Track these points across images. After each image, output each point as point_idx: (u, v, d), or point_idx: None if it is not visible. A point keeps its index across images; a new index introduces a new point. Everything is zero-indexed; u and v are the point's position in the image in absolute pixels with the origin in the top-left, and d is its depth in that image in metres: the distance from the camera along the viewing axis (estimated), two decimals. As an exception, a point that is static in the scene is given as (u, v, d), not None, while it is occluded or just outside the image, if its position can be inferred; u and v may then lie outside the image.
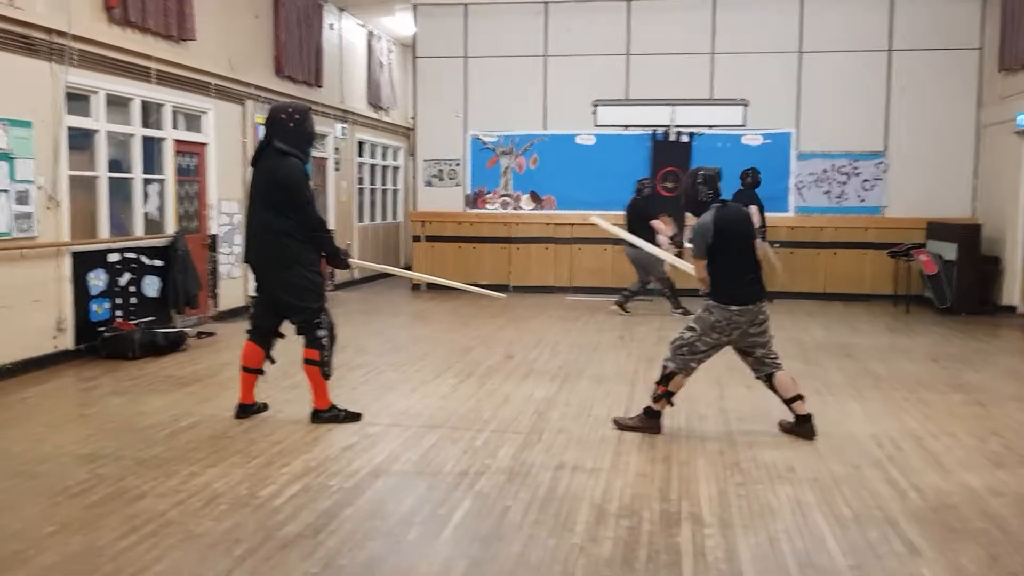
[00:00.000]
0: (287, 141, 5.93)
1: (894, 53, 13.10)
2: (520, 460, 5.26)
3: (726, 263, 5.69)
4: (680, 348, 5.77)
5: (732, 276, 5.69)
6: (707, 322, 5.71)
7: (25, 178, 7.64)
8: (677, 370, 5.79)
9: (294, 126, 5.97)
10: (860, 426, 6.10)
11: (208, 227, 10.68)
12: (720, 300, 5.67)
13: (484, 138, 14.16)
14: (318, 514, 4.35)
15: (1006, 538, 4.11)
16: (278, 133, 5.95)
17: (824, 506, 4.52)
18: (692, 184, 5.84)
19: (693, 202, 5.85)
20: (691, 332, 5.75)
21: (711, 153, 13.50)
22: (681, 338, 5.78)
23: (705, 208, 5.76)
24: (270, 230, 5.87)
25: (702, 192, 5.78)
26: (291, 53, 12.28)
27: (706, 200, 5.77)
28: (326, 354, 6.01)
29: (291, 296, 5.93)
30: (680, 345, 5.77)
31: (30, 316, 7.76)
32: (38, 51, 7.80)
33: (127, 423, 6.05)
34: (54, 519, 4.28)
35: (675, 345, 5.81)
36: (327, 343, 6.02)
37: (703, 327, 5.72)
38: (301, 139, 6.01)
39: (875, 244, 13.09)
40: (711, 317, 5.69)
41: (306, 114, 6.08)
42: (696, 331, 5.73)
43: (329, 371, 6.07)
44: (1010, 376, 7.84)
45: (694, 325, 5.76)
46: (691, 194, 5.84)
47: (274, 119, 5.99)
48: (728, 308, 5.64)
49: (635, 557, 3.86)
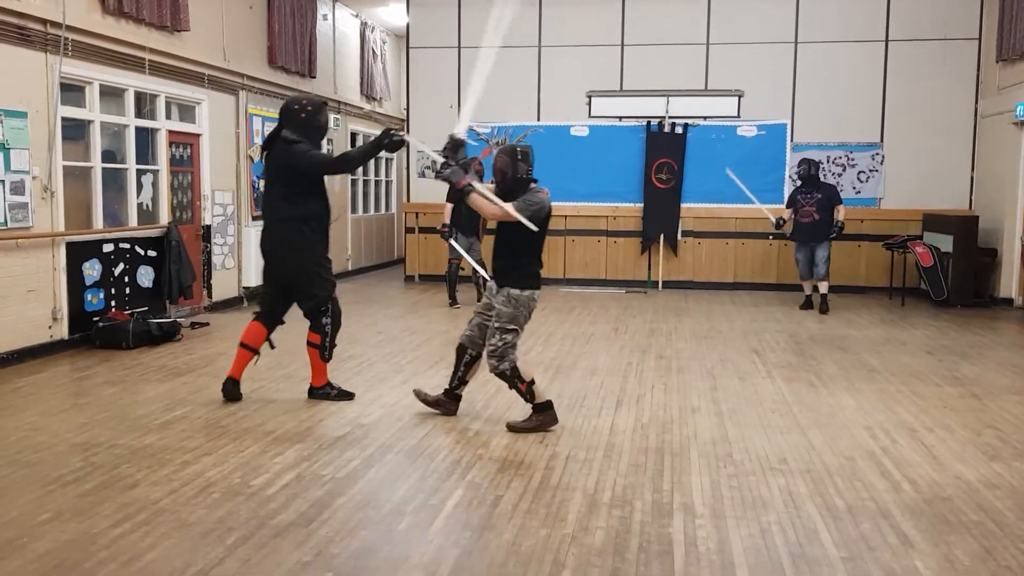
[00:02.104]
0: (296, 131, 6.10)
1: (891, 43, 13.09)
2: (513, 450, 5.26)
3: (537, 247, 5.69)
4: (507, 351, 5.65)
5: (539, 261, 5.74)
6: (520, 317, 5.65)
7: (20, 168, 7.62)
8: (513, 367, 5.68)
9: (305, 117, 6.14)
10: (854, 418, 6.11)
11: (202, 218, 10.66)
12: (531, 286, 5.65)
13: (478, 129, 14.13)
14: (311, 503, 4.35)
15: (1000, 531, 4.12)
16: (289, 123, 6.13)
17: (817, 497, 4.53)
18: (512, 160, 5.64)
19: (512, 180, 5.64)
20: (510, 333, 5.64)
21: (706, 144, 13.51)
22: (504, 342, 5.63)
23: (526, 187, 5.64)
24: (284, 218, 6.09)
25: (522, 169, 5.64)
26: (284, 44, 12.25)
27: (525, 177, 5.65)
28: (327, 340, 6.30)
29: (303, 283, 6.19)
30: (505, 349, 5.64)
31: (25, 306, 7.75)
32: (33, 42, 7.77)
33: (121, 412, 6.04)
34: (48, 507, 4.28)
35: (498, 352, 5.64)
36: (330, 329, 6.29)
37: (520, 324, 5.68)
38: (311, 130, 6.15)
39: (871, 236, 13.09)
40: (524, 311, 5.65)
41: (319, 107, 6.23)
42: (516, 331, 5.66)
43: (328, 355, 6.35)
44: (1006, 368, 7.86)
45: (512, 326, 5.63)
46: (511, 171, 5.63)
47: (287, 109, 6.19)
48: (532, 293, 5.65)
49: (627, 547, 3.87)
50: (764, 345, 8.87)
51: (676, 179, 13.51)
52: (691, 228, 13.69)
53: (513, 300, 5.64)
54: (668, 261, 13.74)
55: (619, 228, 13.87)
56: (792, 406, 6.42)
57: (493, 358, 5.69)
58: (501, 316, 5.66)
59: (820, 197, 10.95)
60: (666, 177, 13.52)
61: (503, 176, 5.68)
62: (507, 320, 5.64)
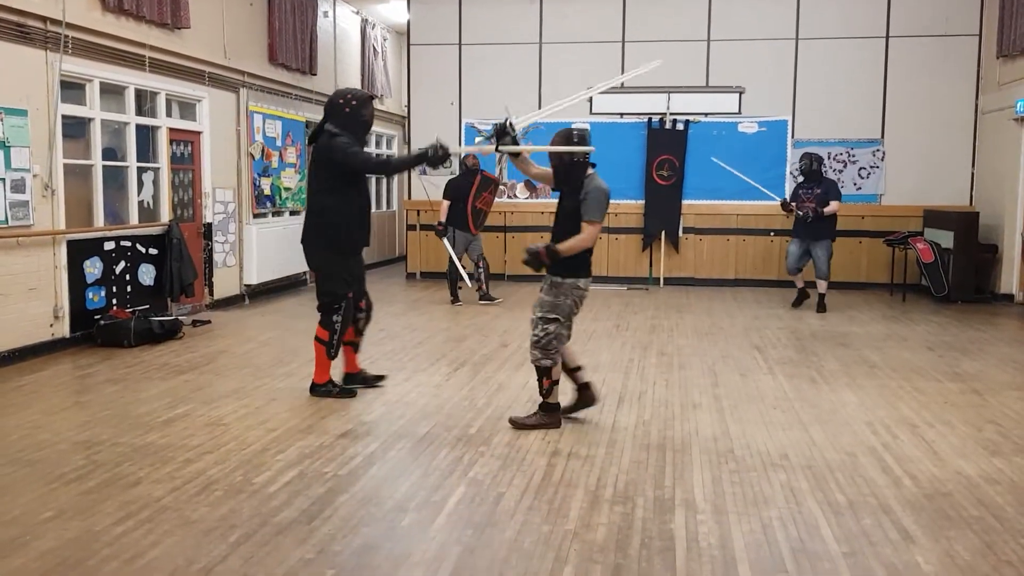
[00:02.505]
0: (340, 125, 6.12)
1: (891, 40, 13.08)
2: (514, 447, 5.27)
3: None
4: (551, 343, 5.53)
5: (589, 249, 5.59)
6: (562, 306, 5.53)
7: (21, 166, 7.63)
8: (552, 364, 5.60)
9: (349, 111, 6.14)
10: (855, 414, 6.11)
11: (203, 215, 10.66)
12: (579, 274, 5.53)
13: (479, 126, 14.12)
14: (313, 500, 4.36)
15: (1001, 526, 4.12)
16: (332, 116, 6.17)
17: (818, 493, 4.53)
18: (568, 144, 5.51)
19: (569, 164, 5.53)
20: (553, 323, 5.53)
21: (707, 141, 13.50)
22: (546, 332, 5.52)
23: (584, 171, 5.56)
24: (318, 211, 6.21)
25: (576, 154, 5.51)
26: (285, 41, 12.24)
27: (582, 161, 5.54)
28: (335, 338, 6.30)
29: (321, 277, 6.31)
30: (548, 340, 5.53)
31: (26, 304, 7.76)
32: (33, 39, 7.77)
33: (123, 410, 6.05)
34: (51, 505, 4.29)
35: (541, 343, 5.53)
36: (339, 327, 6.29)
37: (564, 314, 5.54)
38: (354, 124, 6.16)
39: (871, 232, 13.09)
40: (567, 300, 5.52)
41: (364, 101, 6.20)
42: (558, 320, 5.53)
43: (334, 353, 6.36)
44: (1007, 364, 7.86)
45: (553, 315, 5.52)
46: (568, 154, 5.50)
47: (332, 103, 6.23)
48: (579, 284, 5.53)
49: (629, 543, 3.88)
50: (765, 341, 8.87)
51: (677, 176, 13.50)
52: (692, 225, 13.69)
53: (555, 287, 5.53)
54: (669, 258, 13.74)
55: (620, 225, 13.87)
56: (793, 402, 6.42)
57: (537, 349, 5.56)
58: (543, 304, 5.55)
59: (820, 192, 10.76)
60: (667, 174, 13.51)
61: (560, 160, 5.58)
62: (548, 308, 5.52)
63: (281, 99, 12.37)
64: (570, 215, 5.56)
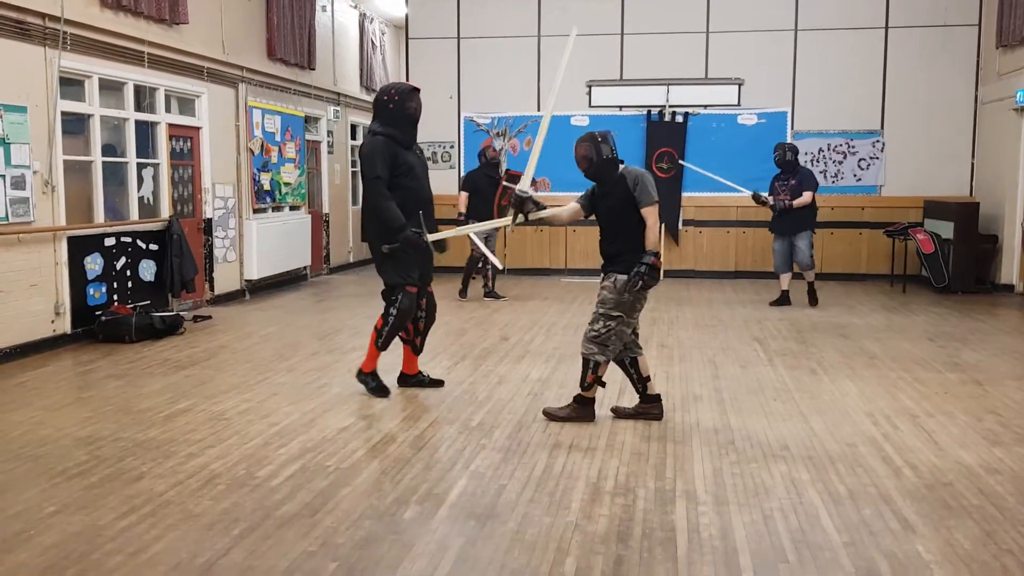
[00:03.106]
0: (384, 121, 6.10)
1: (890, 30, 13.06)
2: (516, 440, 5.28)
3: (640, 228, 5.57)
4: (610, 339, 5.53)
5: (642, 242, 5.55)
6: (625, 303, 5.52)
7: (21, 163, 7.63)
8: (605, 361, 5.59)
9: (393, 107, 6.10)
10: (855, 405, 6.13)
11: (203, 211, 10.67)
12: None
13: (477, 120, 14.12)
14: (315, 494, 4.37)
15: (1001, 515, 4.13)
16: (378, 114, 6.17)
17: (819, 483, 4.55)
18: (594, 144, 5.55)
19: (600, 163, 5.57)
20: (615, 320, 5.50)
21: (706, 133, 13.50)
22: (607, 328, 5.50)
23: (616, 167, 5.60)
24: (367, 205, 6.18)
25: (605, 151, 5.56)
26: (283, 35, 12.23)
27: (612, 158, 5.59)
28: (387, 328, 6.17)
29: (377, 267, 6.25)
30: (608, 336, 5.52)
31: (27, 300, 7.77)
32: (32, 36, 7.77)
33: (125, 406, 6.07)
34: (54, 500, 4.30)
35: (600, 338, 5.51)
36: (392, 320, 6.15)
37: (625, 310, 5.53)
38: (401, 120, 6.10)
39: (871, 223, 13.10)
40: (630, 296, 5.49)
41: (406, 94, 6.14)
42: (621, 318, 5.52)
43: (383, 344, 6.22)
44: (1007, 355, 7.87)
45: (616, 312, 5.50)
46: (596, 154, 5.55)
47: (376, 101, 6.24)
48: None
49: (630, 534, 3.89)
50: (766, 333, 8.88)
51: (677, 168, 13.50)
52: (692, 217, 13.69)
53: (620, 284, 5.49)
54: (669, 250, 13.74)
55: (620, 217, 13.84)
56: (793, 393, 6.44)
57: (593, 343, 5.52)
58: (605, 302, 5.52)
59: (794, 184, 10.30)
60: (667, 166, 13.51)
61: (589, 163, 5.59)
62: (611, 306, 5.49)
63: (280, 94, 12.37)
64: (619, 212, 5.57)
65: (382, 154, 6.00)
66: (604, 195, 5.66)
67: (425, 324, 6.47)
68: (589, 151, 5.59)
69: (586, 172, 5.66)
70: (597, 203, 5.73)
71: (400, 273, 6.11)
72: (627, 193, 5.53)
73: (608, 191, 5.62)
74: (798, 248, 10.39)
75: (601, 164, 5.59)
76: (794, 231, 10.39)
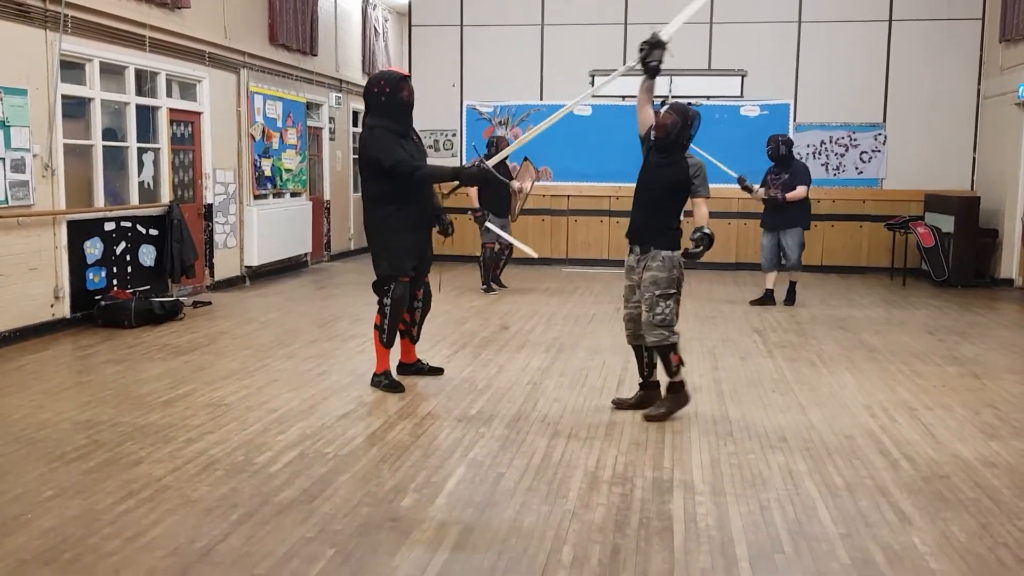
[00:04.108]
0: (378, 113, 5.99)
1: (894, 23, 13.02)
2: (514, 428, 5.29)
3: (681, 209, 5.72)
4: (674, 320, 5.50)
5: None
6: (679, 279, 5.54)
7: (21, 146, 7.62)
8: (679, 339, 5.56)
9: (385, 99, 5.99)
10: (854, 397, 6.13)
11: (204, 197, 10.66)
12: (676, 246, 5.59)
13: (480, 108, 14.09)
14: (314, 480, 4.38)
15: (997, 508, 4.14)
16: (372, 107, 6.05)
17: (816, 475, 4.56)
18: (683, 120, 5.58)
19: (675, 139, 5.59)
20: (672, 299, 5.47)
21: (708, 124, 13.35)
22: (670, 308, 5.45)
23: (684, 149, 5.66)
24: (364, 198, 6.14)
25: (684, 136, 5.62)
26: (286, 21, 12.19)
27: (684, 143, 5.65)
28: (386, 322, 6.10)
29: (373, 259, 6.18)
30: (672, 317, 5.48)
31: (27, 284, 7.77)
32: (33, 18, 7.75)
33: (124, 390, 6.07)
34: (53, 484, 4.31)
35: (667, 320, 5.44)
36: (388, 311, 6.09)
37: (678, 285, 5.53)
38: (393, 109, 5.99)
39: (872, 216, 13.09)
40: (678, 271, 5.53)
41: (396, 83, 6.00)
42: (677, 293, 5.52)
43: (387, 340, 6.13)
44: (1006, 349, 7.87)
45: (672, 290, 5.47)
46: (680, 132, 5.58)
47: (368, 92, 6.09)
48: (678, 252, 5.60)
49: (627, 523, 3.90)
50: (765, 325, 8.89)
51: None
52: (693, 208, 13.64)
53: (668, 261, 5.47)
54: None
55: (622, 208, 13.82)
56: (792, 385, 6.44)
57: (662, 328, 5.42)
58: (659, 282, 5.43)
59: (786, 178, 9.96)
60: (667, 157, 13.46)
61: (667, 135, 5.56)
62: (666, 285, 5.43)
63: (282, 80, 12.33)
64: (668, 189, 5.61)
65: (387, 141, 5.89)
66: (660, 166, 5.63)
67: (421, 313, 6.47)
68: (675, 126, 5.57)
69: (656, 140, 5.63)
70: (650, 168, 5.69)
71: (394, 264, 6.05)
72: (684, 176, 5.58)
73: (666, 164, 5.61)
74: (786, 245, 10.02)
75: (676, 141, 5.60)
76: (784, 226, 10.03)
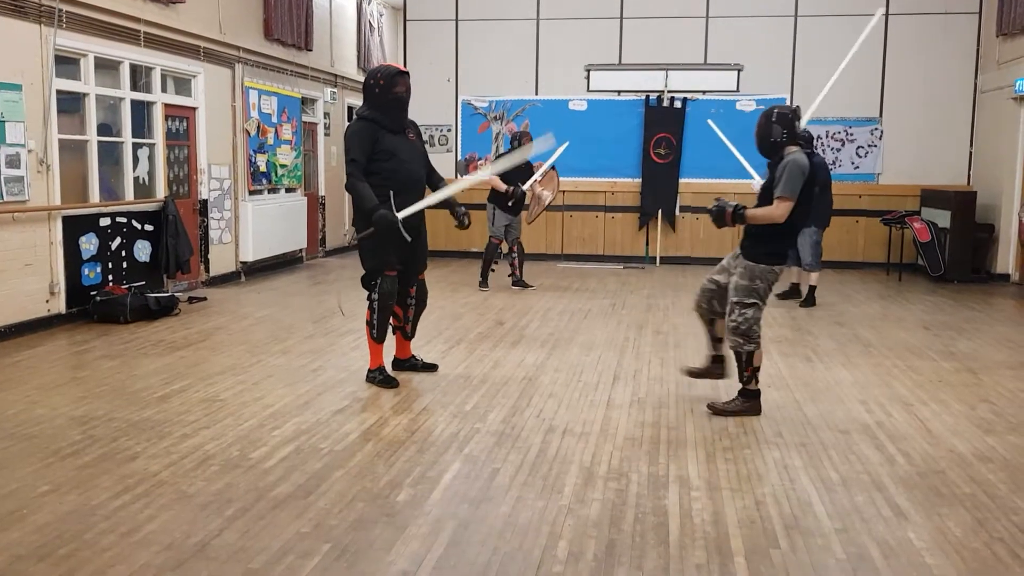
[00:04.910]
0: (371, 105, 6.07)
1: (891, 17, 13.01)
2: (510, 424, 5.29)
3: (795, 225, 5.39)
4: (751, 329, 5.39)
5: (790, 232, 5.43)
6: (759, 289, 5.38)
7: (15, 141, 7.60)
8: (755, 349, 5.48)
9: (379, 92, 6.04)
10: (850, 392, 6.14)
11: (199, 192, 10.63)
12: (770, 261, 5.38)
13: (475, 103, 14.08)
14: (309, 476, 4.38)
15: (993, 503, 4.15)
16: (366, 98, 6.14)
17: (811, 470, 4.56)
18: (767, 122, 5.40)
19: (768, 142, 5.42)
20: (750, 308, 5.39)
21: (705, 119, 13.42)
22: (744, 317, 5.37)
23: (778, 149, 5.39)
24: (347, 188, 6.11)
25: (776, 132, 5.38)
26: (281, 16, 12.16)
27: (781, 141, 5.38)
28: (375, 317, 6.10)
29: (359, 254, 6.20)
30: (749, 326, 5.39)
31: (22, 280, 7.75)
32: (27, 13, 7.72)
33: (119, 386, 6.06)
34: (48, 479, 4.30)
35: (741, 329, 5.39)
36: (376, 306, 6.08)
37: (761, 297, 5.40)
38: (385, 103, 6.03)
39: (868, 211, 13.09)
40: (762, 283, 5.38)
41: (392, 78, 6.03)
42: (756, 305, 5.40)
43: (377, 335, 6.12)
44: (1001, 344, 7.88)
45: (751, 300, 5.38)
46: (766, 133, 5.41)
47: (365, 84, 6.17)
48: (774, 269, 5.40)
49: (622, 518, 3.90)
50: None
51: (675, 154, 13.48)
52: (689, 203, 13.67)
53: (749, 271, 5.39)
54: (666, 236, 13.74)
55: (617, 203, 13.86)
56: (788, 380, 6.44)
57: (738, 335, 5.39)
58: (738, 289, 5.39)
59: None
60: (664, 152, 13.49)
61: (759, 141, 5.44)
62: (744, 293, 5.37)
63: (277, 75, 12.31)
64: (759, 196, 5.47)
65: (360, 137, 5.94)
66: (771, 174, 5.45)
67: (416, 310, 6.46)
68: (761, 128, 5.44)
69: (758, 147, 5.49)
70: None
71: (379, 258, 6.03)
72: (769, 182, 5.41)
73: (771, 170, 5.43)
74: (799, 244, 9.65)
75: (764, 143, 5.43)
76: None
